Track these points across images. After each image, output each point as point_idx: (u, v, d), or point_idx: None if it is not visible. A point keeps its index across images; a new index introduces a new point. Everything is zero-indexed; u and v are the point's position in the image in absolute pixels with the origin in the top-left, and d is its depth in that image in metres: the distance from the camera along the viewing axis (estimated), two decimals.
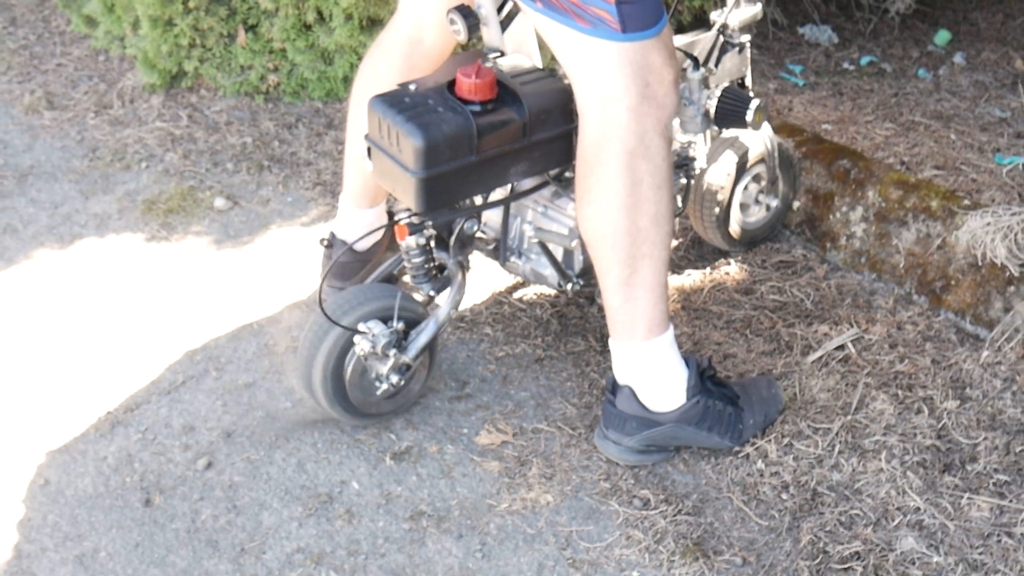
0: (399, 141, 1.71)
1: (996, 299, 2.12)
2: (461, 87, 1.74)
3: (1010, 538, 1.72)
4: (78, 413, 2.01)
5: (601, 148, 1.69)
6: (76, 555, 1.74)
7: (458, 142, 1.71)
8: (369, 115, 1.78)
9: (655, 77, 1.67)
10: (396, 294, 1.88)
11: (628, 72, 1.64)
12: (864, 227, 2.33)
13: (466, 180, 1.77)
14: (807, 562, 1.70)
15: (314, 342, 1.86)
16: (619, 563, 1.72)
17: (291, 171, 2.69)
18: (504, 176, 1.82)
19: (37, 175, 2.72)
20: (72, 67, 3.16)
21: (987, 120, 2.72)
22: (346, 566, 1.72)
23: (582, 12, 1.61)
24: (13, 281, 2.35)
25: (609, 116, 1.66)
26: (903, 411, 1.96)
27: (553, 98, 1.79)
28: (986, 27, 3.13)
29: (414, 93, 1.76)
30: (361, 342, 1.84)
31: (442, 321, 1.91)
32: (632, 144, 1.67)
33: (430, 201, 1.75)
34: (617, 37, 1.61)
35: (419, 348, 1.89)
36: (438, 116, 1.71)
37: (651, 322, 1.79)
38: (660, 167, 1.71)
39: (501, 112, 1.76)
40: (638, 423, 1.84)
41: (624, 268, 1.74)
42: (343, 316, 1.85)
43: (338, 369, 1.86)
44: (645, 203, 1.71)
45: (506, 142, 1.77)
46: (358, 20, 2.67)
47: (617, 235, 1.72)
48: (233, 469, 1.89)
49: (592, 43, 1.63)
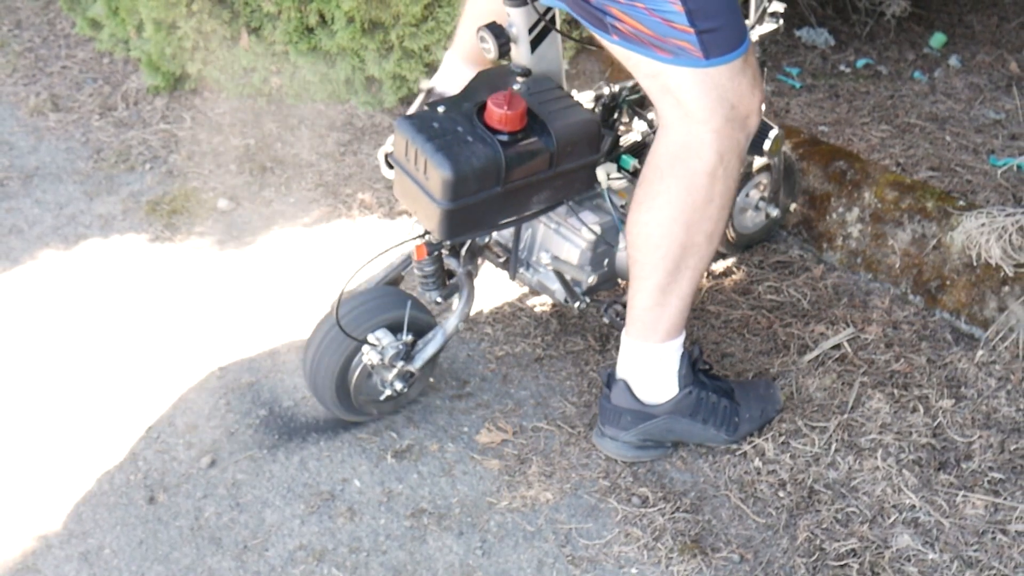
0: (427, 169, 1.67)
1: (991, 299, 2.13)
2: (492, 116, 1.70)
3: (1004, 535, 1.74)
4: (82, 412, 2.02)
5: (679, 161, 1.67)
6: (81, 552, 1.76)
7: (486, 174, 1.68)
8: (396, 136, 1.75)
9: (740, 99, 1.65)
10: (407, 304, 1.87)
11: (713, 97, 1.62)
12: (860, 228, 2.34)
13: (490, 210, 1.75)
14: (804, 559, 1.71)
15: (324, 348, 1.87)
16: (618, 560, 1.73)
17: (293, 172, 2.70)
18: (527, 205, 1.81)
19: (42, 176, 2.73)
20: (77, 69, 3.17)
21: (982, 122, 2.73)
22: (348, 563, 1.73)
23: (662, 44, 1.59)
24: (18, 281, 2.36)
25: (692, 134, 1.65)
26: (899, 410, 1.97)
27: (580, 130, 1.77)
28: (981, 30, 3.14)
29: (443, 117, 1.72)
30: (370, 353, 1.84)
31: (450, 333, 1.91)
32: (712, 164, 1.66)
33: (453, 230, 1.73)
34: (700, 64, 1.59)
35: (426, 359, 1.90)
36: (468, 147, 1.67)
37: (673, 327, 1.80)
38: (731, 188, 1.71)
39: (530, 143, 1.73)
40: (632, 416, 1.85)
41: (667, 276, 1.75)
42: (355, 326, 1.84)
43: (344, 375, 1.88)
44: (708, 221, 1.71)
45: (532, 173, 1.75)
46: (359, 23, 2.68)
47: (672, 246, 1.72)
48: (236, 467, 1.90)
49: (675, 71, 1.61)
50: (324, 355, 1.86)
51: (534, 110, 1.75)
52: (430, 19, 2.67)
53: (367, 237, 2.45)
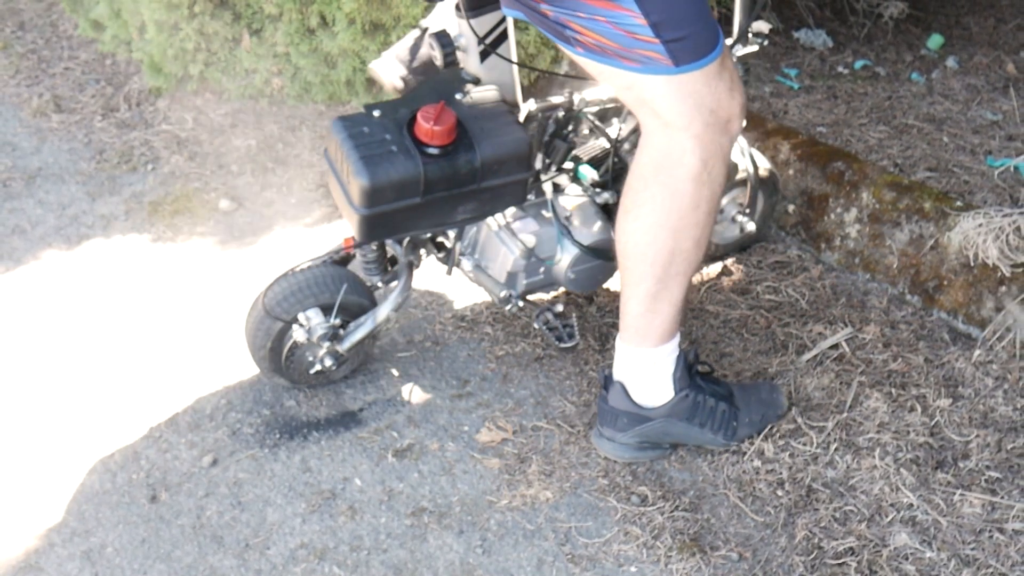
0: (348, 174, 1.73)
1: (988, 299, 2.14)
2: (420, 130, 1.73)
3: (1002, 534, 1.74)
4: (85, 411, 2.03)
5: (662, 169, 1.66)
6: (83, 550, 1.76)
7: (405, 186, 1.72)
8: (328, 137, 1.79)
9: (719, 104, 1.62)
10: (342, 288, 1.91)
11: (690, 104, 1.60)
12: (858, 228, 2.34)
13: (410, 218, 1.79)
14: (802, 557, 1.72)
15: (257, 325, 1.93)
16: (617, 558, 1.74)
17: (295, 173, 2.71)
18: (451, 215, 1.83)
19: (45, 177, 2.74)
20: (79, 71, 3.18)
21: (979, 123, 2.73)
22: (349, 561, 1.74)
23: (628, 55, 1.56)
24: (21, 281, 2.37)
25: (674, 141, 1.63)
26: (896, 409, 1.98)
27: (510, 148, 1.78)
28: (978, 31, 3.15)
29: (375, 123, 1.76)
30: (298, 332, 1.89)
31: (380, 320, 1.95)
32: (696, 170, 1.65)
33: (370, 234, 1.79)
34: (671, 71, 1.57)
35: (353, 342, 1.94)
36: (389, 158, 1.71)
37: (665, 332, 1.80)
38: (716, 193, 1.70)
39: (454, 158, 1.75)
40: (629, 419, 1.86)
41: (656, 283, 1.74)
42: (289, 304, 1.90)
43: (277, 349, 1.93)
44: (694, 227, 1.70)
45: (455, 186, 1.77)
46: (360, 25, 2.69)
47: (659, 253, 1.71)
48: (238, 466, 1.91)
49: (646, 80, 1.58)
50: (259, 328, 1.92)
51: (465, 125, 1.76)
52: None
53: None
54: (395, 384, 2.08)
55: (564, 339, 1.99)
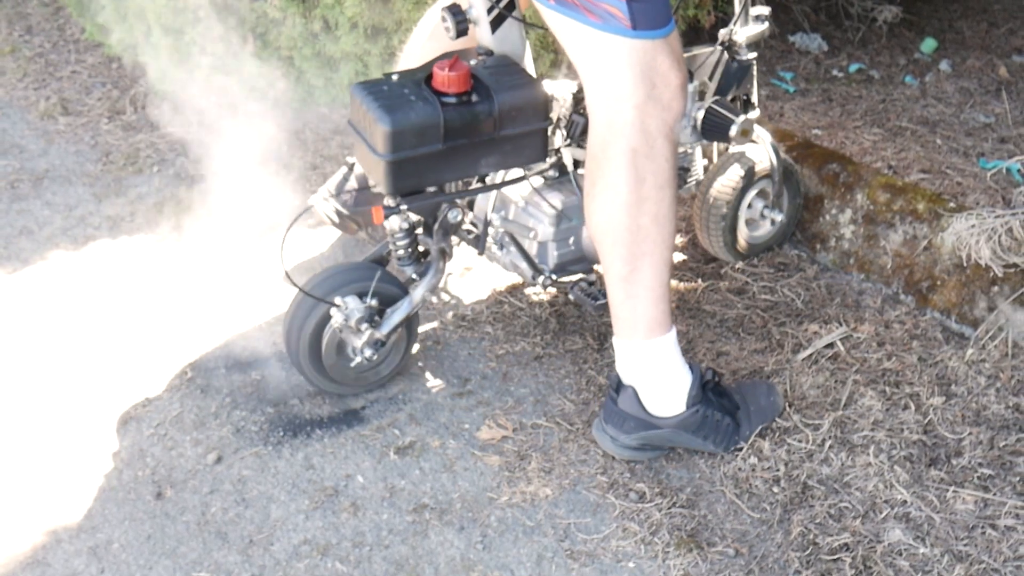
0: (371, 125, 1.79)
1: (980, 299, 2.16)
2: (436, 79, 1.81)
3: (994, 530, 1.76)
4: (91, 409, 2.04)
5: (608, 144, 1.71)
6: (90, 547, 1.78)
7: (425, 130, 1.78)
8: (351, 100, 1.85)
9: (661, 79, 1.68)
10: (375, 274, 1.95)
11: (636, 71, 1.66)
12: (853, 229, 2.36)
13: (433, 167, 1.84)
14: (797, 553, 1.74)
15: (296, 314, 1.95)
16: (616, 554, 1.75)
17: (299, 175, 2.72)
18: (474, 166, 1.88)
19: (52, 179, 2.75)
20: (86, 74, 3.19)
21: (972, 125, 2.75)
22: (351, 557, 1.75)
23: (592, 7, 1.63)
24: (28, 281, 2.38)
25: (617, 113, 1.69)
26: (890, 407, 1.99)
27: (526, 96, 1.84)
28: (971, 35, 3.17)
29: (393, 83, 1.84)
30: (336, 315, 1.92)
31: (416, 301, 1.98)
32: (637, 142, 1.69)
33: (397, 183, 1.83)
34: (627, 33, 1.63)
35: (392, 325, 1.96)
36: (409, 104, 1.78)
37: (652, 321, 1.81)
38: (663, 168, 1.72)
39: (472, 105, 1.81)
40: (636, 423, 1.87)
41: (625, 265, 1.77)
42: (323, 293, 1.93)
43: (316, 340, 1.95)
44: (647, 202, 1.73)
45: (474, 134, 1.83)
46: (363, 29, 2.70)
47: (619, 231, 1.74)
48: (242, 463, 1.93)
49: (602, 39, 1.65)
50: (296, 320, 1.95)
51: (480, 77, 1.83)
52: None
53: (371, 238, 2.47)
54: (397, 382, 2.10)
55: (598, 297, 2.01)
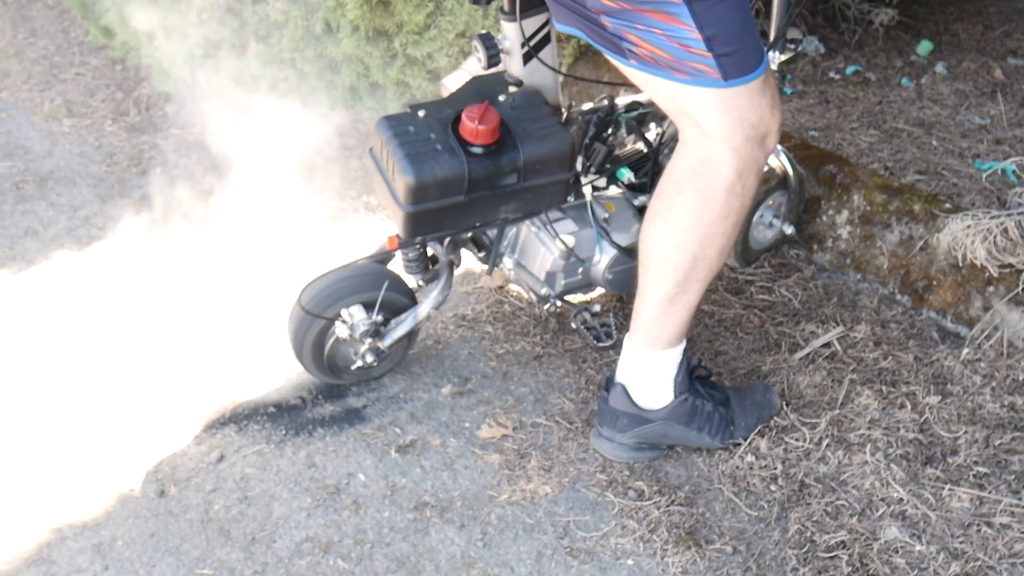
0: (393, 172, 1.76)
1: (976, 299, 2.17)
2: (464, 129, 1.76)
3: (989, 527, 1.77)
4: (95, 408, 2.05)
5: (698, 176, 1.69)
6: (94, 544, 1.79)
7: (449, 184, 1.75)
8: (374, 135, 1.82)
9: (760, 119, 1.66)
10: (384, 284, 1.94)
11: (733, 117, 1.64)
12: (849, 230, 2.37)
13: (453, 216, 1.82)
14: (795, 551, 1.75)
15: (300, 323, 1.96)
16: (615, 552, 1.76)
17: (302, 177, 2.72)
18: (493, 214, 1.86)
19: (57, 180, 2.76)
20: (90, 76, 3.20)
21: (967, 127, 2.75)
22: (353, 555, 1.76)
23: (680, 67, 1.60)
24: (33, 281, 2.39)
25: (712, 151, 1.67)
26: (887, 406, 2.01)
27: (553, 148, 1.81)
28: (966, 38, 3.18)
29: (420, 122, 1.78)
30: (340, 328, 1.92)
31: (421, 317, 1.98)
32: (731, 181, 1.68)
33: (415, 231, 1.82)
34: (719, 84, 1.61)
35: (395, 338, 1.97)
36: (434, 156, 1.74)
37: (675, 336, 1.83)
38: (746, 205, 1.73)
39: (497, 157, 1.77)
40: (629, 420, 1.88)
41: (676, 287, 1.77)
42: (331, 301, 1.93)
43: (319, 345, 1.97)
44: (721, 236, 1.73)
45: (498, 186, 1.80)
46: (364, 31, 2.71)
47: (683, 257, 1.74)
48: (244, 462, 1.94)
49: (693, 92, 1.62)
50: (301, 328, 1.96)
51: (509, 125, 1.79)
52: (432, 27, 2.69)
53: (373, 238, 2.47)
54: (398, 381, 2.11)
55: (601, 339, 2.00)
